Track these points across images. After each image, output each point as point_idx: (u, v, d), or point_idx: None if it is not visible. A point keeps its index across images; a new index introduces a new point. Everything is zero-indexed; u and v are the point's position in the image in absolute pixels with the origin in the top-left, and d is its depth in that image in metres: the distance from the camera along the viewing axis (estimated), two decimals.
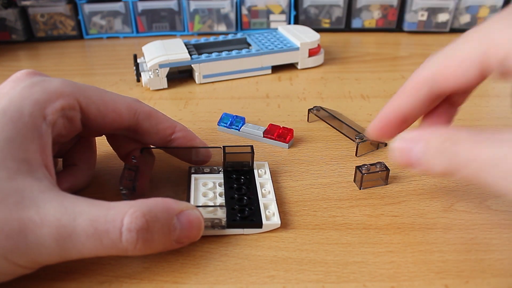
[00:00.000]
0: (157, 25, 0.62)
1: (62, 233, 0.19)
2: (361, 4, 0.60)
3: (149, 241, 0.21)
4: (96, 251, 0.20)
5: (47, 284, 0.22)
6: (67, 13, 0.60)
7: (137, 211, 0.20)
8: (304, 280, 0.22)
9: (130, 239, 0.20)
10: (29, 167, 0.21)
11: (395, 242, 0.24)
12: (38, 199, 0.20)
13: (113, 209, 0.20)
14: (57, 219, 0.19)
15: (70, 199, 0.21)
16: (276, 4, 0.61)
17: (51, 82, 0.23)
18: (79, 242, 0.20)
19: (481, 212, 0.26)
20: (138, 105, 0.27)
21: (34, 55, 0.57)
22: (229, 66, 0.47)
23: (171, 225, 0.22)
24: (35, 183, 0.20)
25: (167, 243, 0.22)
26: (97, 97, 0.25)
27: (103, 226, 0.20)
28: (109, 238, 0.20)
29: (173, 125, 0.28)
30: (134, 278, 0.22)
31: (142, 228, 0.20)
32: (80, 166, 0.28)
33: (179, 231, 0.22)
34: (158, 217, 0.21)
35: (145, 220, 0.20)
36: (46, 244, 0.19)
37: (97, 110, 0.25)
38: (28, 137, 0.21)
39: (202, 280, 0.22)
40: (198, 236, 0.23)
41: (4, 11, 0.58)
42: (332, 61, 0.52)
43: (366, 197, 0.28)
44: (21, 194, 0.20)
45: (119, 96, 0.26)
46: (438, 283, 0.22)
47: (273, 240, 0.25)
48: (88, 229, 0.20)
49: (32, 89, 0.22)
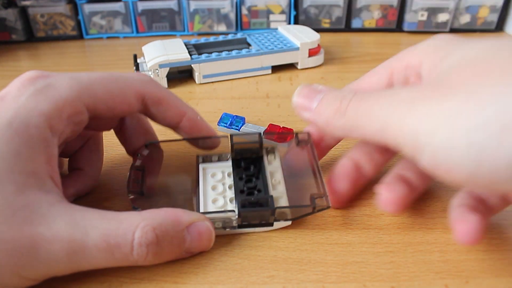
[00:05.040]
0: (157, 25, 0.62)
1: (74, 247, 0.20)
2: (361, 4, 0.60)
3: (159, 254, 0.21)
4: (107, 264, 0.21)
5: (47, 284, 0.22)
6: (67, 13, 0.60)
7: (147, 225, 0.21)
8: (304, 280, 0.22)
9: (141, 253, 0.20)
10: (37, 180, 0.20)
11: (395, 242, 0.24)
12: (48, 214, 0.20)
13: (124, 223, 0.21)
14: (69, 234, 0.20)
15: (80, 212, 0.21)
16: (276, 4, 0.61)
17: (56, 88, 0.22)
18: (90, 256, 0.20)
19: None
20: (147, 89, 0.25)
21: (34, 55, 0.57)
22: (229, 66, 0.47)
23: (181, 238, 0.22)
24: (43, 197, 0.20)
25: (177, 253, 0.22)
26: (104, 93, 0.24)
27: (115, 240, 0.20)
28: (120, 252, 0.20)
29: (182, 112, 0.27)
30: (134, 278, 0.22)
31: (152, 243, 0.21)
32: (86, 170, 0.28)
33: (189, 243, 0.22)
34: (168, 231, 0.21)
35: (155, 234, 0.21)
36: (57, 259, 0.19)
37: (105, 106, 0.24)
38: (35, 150, 0.21)
39: (202, 280, 0.22)
40: (209, 246, 0.23)
41: (4, 11, 0.58)
42: (332, 61, 0.52)
43: (366, 197, 0.28)
44: (30, 209, 0.19)
45: (127, 81, 0.25)
46: (438, 283, 0.22)
47: (273, 240, 0.25)
48: (100, 244, 0.20)
49: (37, 99, 0.21)
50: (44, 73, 0.23)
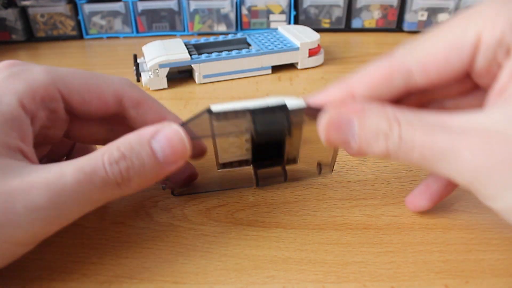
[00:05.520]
0: (157, 25, 0.62)
1: (54, 189, 0.19)
2: (361, 4, 0.60)
3: (132, 169, 0.20)
4: (91, 196, 0.20)
5: (47, 284, 0.22)
6: (67, 13, 0.60)
7: (111, 146, 0.20)
8: (304, 280, 0.22)
9: (115, 172, 0.20)
10: (9, 150, 0.20)
11: (395, 242, 0.24)
12: (21, 171, 0.19)
13: (94, 154, 0.20)
14: (45, 178, 0.19)
15: (53, 164, 0.20)
16: (276, 4, 0.61)
17: (32, 71, 0.23)
18: (72, 192, 0.19)
19: (481, 212, 0.26)
20: (126, 91, 0.25)
21: (34, 55, 0.57)
22: (229, 66, 0.47)
23: (150, 148, 0.21)
24: (15, 162, 0.20)
25: (156, 168, 0.21)
26: (80, 84, 0.24)
27: (88, 168, 0.20)
28: (98, 176, 0.20)
29: (162, 117, 0.26)
30: (134, 278, 0.22)
31: (120, 158, 0.20)
32: None
33: (161, 151, 0.21)
34: (132, 144, 0.21)
35: (120, 151, 0.20)
36: (38, 207, 0.19)
37: (81, 98, 0.24)
38: (8, 125, 0.21)
39: (202, 280, 0.22)
40: (185, 152, 0.22)
41: (4, 11, 0.58)
42: (332, 61, 0.52)
43: (366, 197, 0.28)
44: (3, 170, 0.19)
45: (107, 80, 0.25)
46: (438, 283, 0.22)
47: (273, 240, 0.25)
48: (77, 175, 0.19)
49: (11, 80, 0.22)
50: (22, 62, 0.24)
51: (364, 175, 0.30)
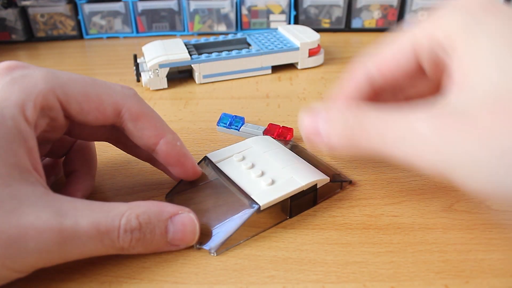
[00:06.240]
0: (157, 25, 0.62)
1: (65, 236, 0.20)
2: (361, 4, 0.60)
3: (141, 241, 0.22)
4: (96, 251, 0.21)
5: (47, 284, 0.22)
6: (67, 13, 0.60)
7: (132, 212, 0.21)
8: (304, 280, 0.22)
9: (125, 239, 0.21)
10: (21, 172, 0.20)
11: (395, 242, 0.24)
12: (36, 204, 0.20)
13: (112, 211, 0.21)
14: (59, 223, 0.19)
15: (68, 202, 0.21)
16: (276, 4, 0.61)
17: (31, 78, 0.22)
18: (80, 244, 0.20)
19: (481, 212, 0.26)
20: (126, 103, 0.24)
21: (34, 55, 0.57)
22: (229, 66, 0.47)
23: (164, 227, 0.22)
24: (29, 188, 0.20)
25: (161, 244, 0.23)
26: (79, 93, 0.23)
27: (105, 227, 0.21)
28: (109, 238, 0.21)
29: (161, 134, 0.25)
30: (134, 278, 0.22)
31: (135, 229, 0.21)
32: (83, 170, 0.28)
33: (172, 233, 0.23)
34: (151, 219, 0.22)
35: (138, 221, 0.21)
36: (47, 249, 0.19)
37: (79, 108, 0.23)
38: (15, 141, 0.20)
39: (202, 280, 0.22)
40: (193, 239, 0.24)
41: (4, 11, 0.58)
42: (332, 61, 0.52)
43: (366, 197, 0.28)
44: (17, 200, 0.19)
45: (108, 90, 0.24)
46: (438, 283, 0.22)
47: (273, 240, 0.25)
48: (90, 231, 0.20)
49: (11, 89, 0.21)
50: (23, 64, 0.23)
51: (364, 175, 0.30)
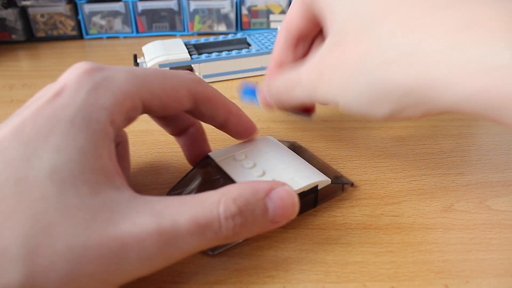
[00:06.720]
0: (157, 25, 0.62)
1: (166, 239, 0.18)
2: None
3: (244, 226, 0.20)
4: (199, 247, 0.19)
5: None
6: (67, 13, 0.60)
7: (228, 198, 0.20)
8: (304, 280, 0.22)
9: (228, 227, 0.20)
10: (107, 177, 0.19)
11: (395, 242, 0.24)
12: (129, 210, 0.18)
13: (207, 202, 0.20)
14: (158, 226, 0.18)
15: (160, 201, 0.19)
16: (276, 4, 0.61)
17: (115, 81, 0.21)
18: (183, 243, 0.19)
19: (481, 212, 0.26)
20: (198, 88, 0.25)
21: (34, 55, 0.57)
22: (229, 66, 0.47)
23: (263, 206, 0.21)
24: (118, 194, 0.19)
25: (264, 224, 0.21)
26: (159, 89, 0.23)
27: (204, 220, 0.19)
28: (211, 230, 0.19)
29: (229, 110, 0.27)
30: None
31: (236, 214, 0.20)
32: None
33: (272, 210, 0.21)
34: (249, 200, 0.20)
35: (237, 205, 0.20)
36: (149, 256, 0.18)
37: (160, 103, 0.23)
38: (99, 145, 0.19)
39: (202, 280, 0.22)
40: (294, 212, 0.22)
41: (4, 11, 0.58)
42: None
43: (366, 197, 0.28)
44: (110, 208, 0.18)
45: (180, 80, 0.24)
46: (438, 283, 0.22)
47: (273, 240, 0.25)
48: (191, 227, 0.19)
49: (97, 93, 0.20)
50: (99, 65, 0.22)
51: (364, 175, 0.30)
